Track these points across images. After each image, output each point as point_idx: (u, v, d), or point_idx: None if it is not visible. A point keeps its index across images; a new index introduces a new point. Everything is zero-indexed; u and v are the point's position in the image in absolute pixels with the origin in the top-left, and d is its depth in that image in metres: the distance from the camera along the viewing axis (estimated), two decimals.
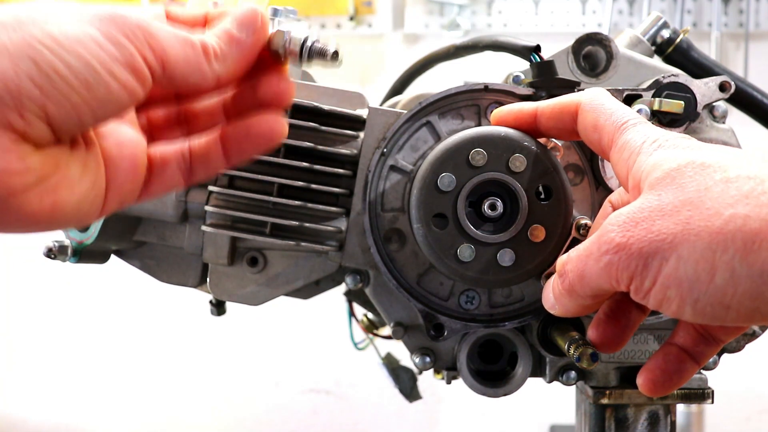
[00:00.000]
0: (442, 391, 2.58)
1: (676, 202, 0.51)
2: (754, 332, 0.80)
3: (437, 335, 0.76)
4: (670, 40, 0.87)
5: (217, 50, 0.56)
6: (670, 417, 0.81)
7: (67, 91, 0.48)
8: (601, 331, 0.63)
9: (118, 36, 0.50)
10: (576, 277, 0.57)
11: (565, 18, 2.64)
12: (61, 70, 0.48)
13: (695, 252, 0.49)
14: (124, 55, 0.50)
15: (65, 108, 0.49)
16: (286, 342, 2.70)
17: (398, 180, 0.75)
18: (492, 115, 0.69)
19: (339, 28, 2.64)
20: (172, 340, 2.71)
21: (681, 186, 0.52)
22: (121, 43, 0.50)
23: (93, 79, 0.49)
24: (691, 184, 0.52)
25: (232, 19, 0.58)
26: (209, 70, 0.56)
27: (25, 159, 0.48)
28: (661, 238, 0.51)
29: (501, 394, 0.80)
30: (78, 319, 2.73)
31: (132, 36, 0.51)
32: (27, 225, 0.51)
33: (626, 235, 0.52)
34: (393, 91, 1.03)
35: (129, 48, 0.50)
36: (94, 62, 0.49)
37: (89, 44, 0.49)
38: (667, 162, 0.54)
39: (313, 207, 0.76)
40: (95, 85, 0.49)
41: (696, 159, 0.53)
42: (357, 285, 0.79)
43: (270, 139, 0.60)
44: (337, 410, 2.74)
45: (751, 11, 2.58)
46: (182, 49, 0.53)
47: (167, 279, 0.86)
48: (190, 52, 0.54)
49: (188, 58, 0.54)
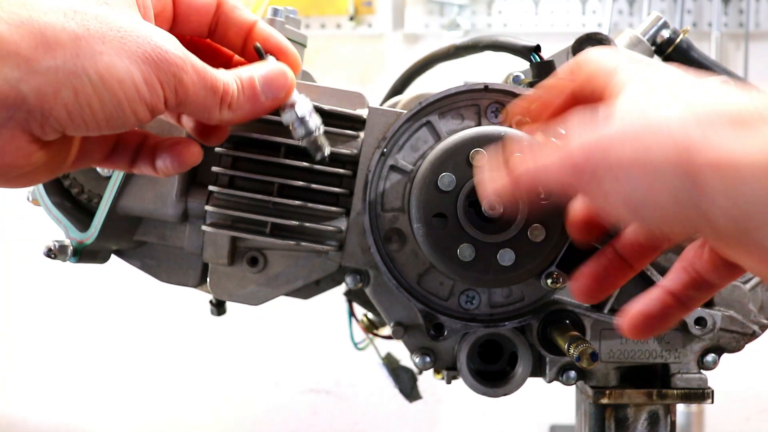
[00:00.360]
0: (442, 391, 2.58)
1: (641, 124, 0.49)
2: (754, 332, 0.80)
3: (437, 335, 0.76)
4: (670, 40, 0.87)
5: (234, 100, 0.59)
6: (670, 417, 0.81)
7: (90, 119, 0.54)
8: (582, 281, 0.62)
9: (154, 81, 0.55)
10: (536, 167, 0.54)
11: (565, 18, 2.64)
12: (95, 104, 0.53)
13: (645, 175, 0.48)
14: (153, 98, 0.55)
15: (81, 127, 0.54)
16: (286, 342, 2.70)
17: (398, 180, 0.75)
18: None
19: (339, 28, 2.64)
20: (173, 340, 2.71)
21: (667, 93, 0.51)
22: (155, 88, 0.55)
23: (117, 112, 0.54)
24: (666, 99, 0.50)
25: (262, 73, 0.61)
26: (218, 116, 0.59)
27: (31, 156, 0.54)
28: (617, 164, 0.49)
29: (501, 394, 0.80)
30: (78, 319, 2.73)
31: (165, 83, 0.55)
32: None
33: (586, 155, 0.51)
34: (393, 91, 1.03)
35: (159, 92, 0.55)
36: (124, 102, 0.54)
37: (128, 86, 0.54)
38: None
39: (313, 207, 0.76)
40: (116, 117, 0.54)
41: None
42: (357, 285, 0.79)
43: (180, 162, 0.64)
44: (337, 410, 2.74)
45: (751, 11, 2.58)
46: (204, 96, 0.57)
47: (167, 279, 0.86)
48: (210, 99, 0.58)
49: (206, 104, 0.58)
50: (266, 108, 0.62)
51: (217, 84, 0.58)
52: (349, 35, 2.67)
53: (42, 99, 0.51)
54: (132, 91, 0.54)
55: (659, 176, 0.46)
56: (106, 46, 0.52)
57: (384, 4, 2.64)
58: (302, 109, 0.64)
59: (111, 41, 0.53)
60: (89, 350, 2.73)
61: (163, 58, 0.54)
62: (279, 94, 0.61)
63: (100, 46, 0.52)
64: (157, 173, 0.65)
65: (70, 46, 0.51)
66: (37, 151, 0.54)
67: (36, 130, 0.52)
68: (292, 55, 0.65)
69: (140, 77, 0.54)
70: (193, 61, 0.57)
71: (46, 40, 0.50)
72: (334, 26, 2.65)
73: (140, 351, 2.72)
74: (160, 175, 0.65)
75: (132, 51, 0.53)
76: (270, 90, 0.61)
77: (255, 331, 2.65)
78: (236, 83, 0.59)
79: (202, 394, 2.74)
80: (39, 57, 0.50)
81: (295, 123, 0.64)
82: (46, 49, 0.50)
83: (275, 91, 0.61)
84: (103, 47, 0.52)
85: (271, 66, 0.62)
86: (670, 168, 0.45)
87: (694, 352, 0.80)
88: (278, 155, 0.75)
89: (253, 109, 0.61)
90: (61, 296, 2.73)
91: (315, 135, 0.65)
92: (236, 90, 0.59)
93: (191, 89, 0.56)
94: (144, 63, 0.54)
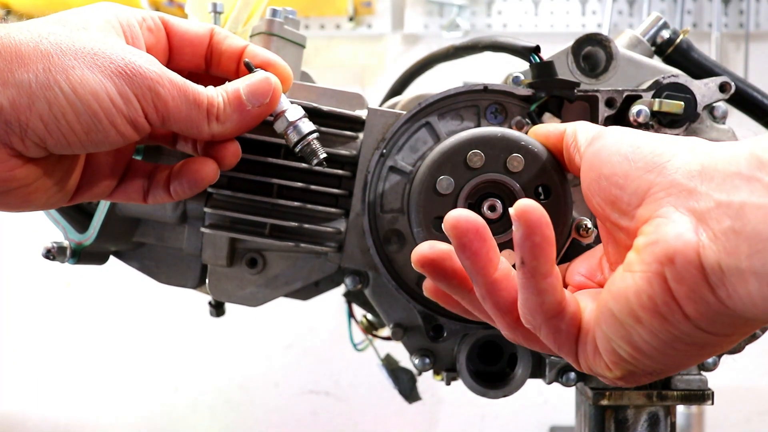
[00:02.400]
0: (442, 392, 2.58)
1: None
2: (755, 334, 0.80)
3: (436, 336, 0.76)
4: (670, 40, 0.87)
5: (221, 112, 0.60)
6: (670, 418, 0.81)
7: (68, 132, 0.55)
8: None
9: (129, 94, 0.56)
10: None
11: (564, 18, 2.64)
12: (69, 115, 0.54)
13: None
14: (130, 111, 0.56)
15: (62, 142, 0.55)
16: (286, 343, 2.70)
17: (397, 181, 0.75)
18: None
19: (338, 28, 2.64)
20: (172, 341, 2.71)
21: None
22: (130, 101, 0.56)
23: (95, 126, 0.55)
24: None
25: (246, 84, 0.62)
26: (207, 130, 0.60)
27: (15, 171, 0.56)
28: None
29: (501, 396, 0.80)
30: (78, 320, 2.73)
31: (141, 96, 0.56)
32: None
33: None
34: (392, 91, 1.02)
35: (135, 105, 0.56)
36: (100, 114, 0.55)
37: (102, 97, 0.55)
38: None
39: (312, 208, 0.76)
40: (95, 131, 0.56)
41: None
42: (356, 286, 0.79)
43: (195, 182, 0.64)
44: (337, 411, 2.74)
45: (751, 11, 2.58)
46: (187, 110, 0.59)
47: (166, 280, 0.86)
48: (194, 112, 0.59)
49: (190, 117, 0.59)
50: (254, 116, 0.63)
51: (200, 97, 0.59)
52: (348, 36, 2.66)
53: (17, 110, 0.53)
54: (107, 103, 0.55)
55: None
56: (78, 62, 0.54)
57: (383, 4, 2.64)
58: (293, 116, 0.65)
59: (83, 57, 0.55)
60: (89, 351, 2.73)
61: (136, 71, 0.56)
62: (263, 100, 0.62)
63: (71, 62, 0.54)
64: (173, 198, 0.65)
65: (42, 61, 0.53)
66: (20, 166, 0.55)
67: (17, 144, 0.54)
68: (280, 66, 0.66)
69: (114, 90, 0.55)
70: (171, 76, 0.58)
71: (21, 56, 0.53)
72: (334, 27, 2.64)
73: (140, 352, 2.72)
74: (175, 199, 0.66)
75: (105, 66, 0.55)
76: (254, 97, 0.62)
77: (254, 332, 2.65)
78: (222, 96, 0.61)
79: (202, 394, 2.74)
80: (13, 70, 0.53)
81: (288, 129, 0.65)
82: (19, 63, 0.53)
83: (259, 97, 0.62)
84: (75, 62, 0.54)
85: (255, 76, 0.63)
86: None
87: None
88: (277, 156, 0.75)
89: (241, 119, 0.62)
90: (61, 297, 2.73)
91: (308, 140, 0.66)
92: (222, 102, 0.60)
93: (171, 103, 0.57)
94: (117, 77, 0.55)
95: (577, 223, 0.71)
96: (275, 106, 0.64)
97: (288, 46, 0.82)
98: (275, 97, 0.63)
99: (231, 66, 0.66)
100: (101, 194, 0.65)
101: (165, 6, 2.46)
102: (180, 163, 0.65)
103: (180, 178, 0.64)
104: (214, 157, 0.65)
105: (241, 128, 0.62)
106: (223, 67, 0.66)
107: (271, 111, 0.64)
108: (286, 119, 0.65)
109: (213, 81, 0.68)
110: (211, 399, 2.75)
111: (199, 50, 0.65)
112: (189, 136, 0.64)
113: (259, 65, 0.65)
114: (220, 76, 0.67)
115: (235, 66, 0.66)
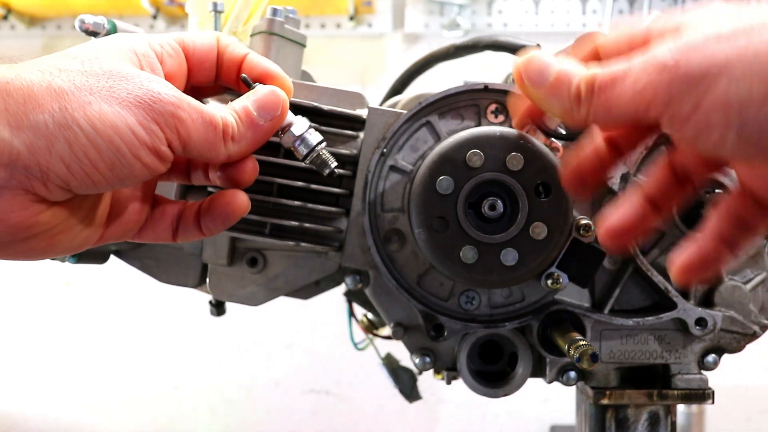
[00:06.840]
0: (442, 391, 2.58)
1: (735, 29, 0.48)
2: (755, 333, 0.80)
3: (437, 335, 0.76)
4: None
5: (235, 132, 0.59)
6: (671, 417, 0.81)
7: (91, 171, 0.53)
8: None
9: (150, 124, 0.54)
10: (605, 90, 0.52)
11: (565, 18, 2.64)
12: (91, 154, 0.52)
13: (751, 72, 0.46)
14: (153, 141, 0.54)
15: (86, 182, 0.53)
16: (286, 342, 2.70)
17: (398, 180, 0.75)
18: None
19: (339, 28, 2.64)
20: (172, 341, 2.71)
21: (739, 16, 0.50)
22: (153, 131, 0.54)
23: (119, 161, 0.54)
24: (750, 17, 0.49)
25: (255, 99, 0.62)
26: (224, 151, 0.59)
27: (39, 215, 0.54)
28: (713, 61, 0.48)
29: (501, 395, 0.80)
30: (78, 320, 2.73)
31: (163, 123, 0.55)
32: (22, 258, 0.57)
33: (676, 57, 0.49)
34: (393, 91, 1.03)
35: (158, 135, 0.55)
36: (123, 148, 0.53)
37: (123, 131, 0.53)
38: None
39: (313, 207, 0.76)
40: (120, 166, 0.54)
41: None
42: (357, 285, 0.79)
43: (227, 215, 0.63)
44: (337, 411, 2.74)
45: None
46: (205, 133, 0.57)
47: (167, 279, 0.86)
48: (212, 135, 0.58)
49: (208, 140, 0.58)
50: (266, 131, 0.62)
51: (215, 119, 0.58)
52: (348, 35, 2.66)
53: (36, 154, 0.50)
54: (129, 137, 0.53)
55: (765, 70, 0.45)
56: (94, 96, 0.52)
57: (384, 3, 2.64)
58: (299, 128, 0.65)
59: (99, 91, 0.53)
60: (89, 350, 2.73)
61: (156, 99, 0.54)
62: (275, 113, 0.62)
63: (87, 97, 0.52)
64: (205, 234, 0.64)
65: (57, 100, 0.51)
66: (44, 210, 0.53)
67: (40, 190, 0.52)
68: (280, 77, 0.65)
69: (134, 121, 0.53)
70: (189, 100, 0.57)
71: (33, 97, 0.51)
72: (334, 26, 2.64)
73: (140, 351, 2.72)
74: (207, 236, 0.64)
75: (122, 98, 0.53)
76: (265, 111, 0.61)
77: (255, 331, 2.65)
78: (233, 115, 0.60)
79: (202, 394, 2.74)
80: (27, 112, 0.50)
81: (296, 143, 0.65)
82: (33, 105, 0.51)
83: (270, 111, 0.62)
84: (90, 98, 0.52)
85: (261, 90, 0.63)
86: None
87: (694, 352, 0.80)
88: (277, 155, 0.75)
89: (255, 136, 0.61)
90: (61, 297, 2.73)
91: (317, 151, 0.66)
92: (235, 121, 0.59)
93: (192, 126, 0.56)
94: (137, 107, 0.53)
95: (577, 222, 0.71)
96: (285, 116, 0.64)
97: (288, 46, 0.82)
98: (285, 108, 0.63)
99: (232, 74, 0.65)
100: (128, 232, 0.64)
101: (165, 5, 2.46)
102: (208, 199, 0.64)
103: (211, 214, 0.63)
104: (235, 179, 0.63)
105: (255, 145, 0.62)
106: (224, 75, 0.66)
107: (281, 123, 0.63)
108: (293, 134, 0.65)
109: (208, 91, 0.68)
110: (211, 398, 2.75)
111: (211, 64, 0.64)
112: (205, 160, 0.63)
113: (258, 77, 0.64)
114: (222, 83, 0.66)
115: (235, 75, 0.65)
